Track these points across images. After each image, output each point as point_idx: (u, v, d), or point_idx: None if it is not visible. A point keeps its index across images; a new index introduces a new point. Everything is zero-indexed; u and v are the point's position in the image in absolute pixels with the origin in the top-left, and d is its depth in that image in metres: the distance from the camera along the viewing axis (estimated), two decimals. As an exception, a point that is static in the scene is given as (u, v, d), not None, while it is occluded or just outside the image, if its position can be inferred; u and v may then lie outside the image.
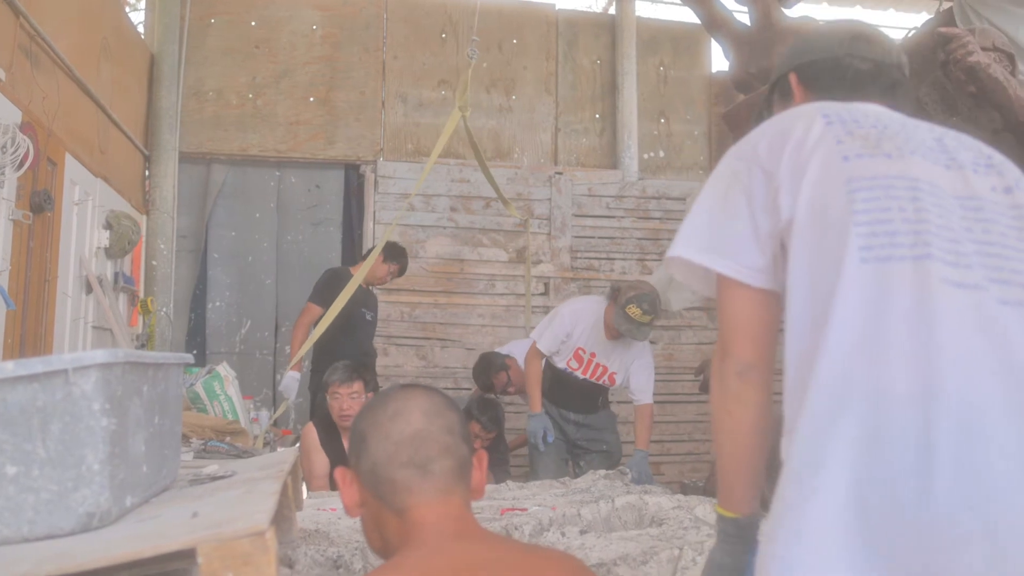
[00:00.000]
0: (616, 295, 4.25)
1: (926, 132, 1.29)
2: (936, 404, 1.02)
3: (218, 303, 6.53)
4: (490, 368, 4.96)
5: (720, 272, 1.26)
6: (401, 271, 5.23)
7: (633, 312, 4.10)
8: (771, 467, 1.20)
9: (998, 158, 1.29)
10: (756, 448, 1.26)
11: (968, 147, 1.29)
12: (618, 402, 5.62)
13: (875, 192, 1.16)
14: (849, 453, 1.03)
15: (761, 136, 1.30)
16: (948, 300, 1.08)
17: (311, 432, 3.96)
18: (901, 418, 1.02)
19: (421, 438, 1.28)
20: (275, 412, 5.14)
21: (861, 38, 1.46)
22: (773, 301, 1.26)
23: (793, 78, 1.52)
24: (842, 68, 1.45)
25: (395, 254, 5.18)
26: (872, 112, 1.32)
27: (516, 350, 5.13)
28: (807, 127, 1.25)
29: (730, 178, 1.29)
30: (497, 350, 5.31)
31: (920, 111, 1.40)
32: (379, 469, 1.27)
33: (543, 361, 4.41)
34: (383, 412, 1.32)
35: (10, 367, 1.27)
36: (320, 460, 3.85)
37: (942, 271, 1.10)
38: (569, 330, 4.34)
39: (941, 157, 1.23)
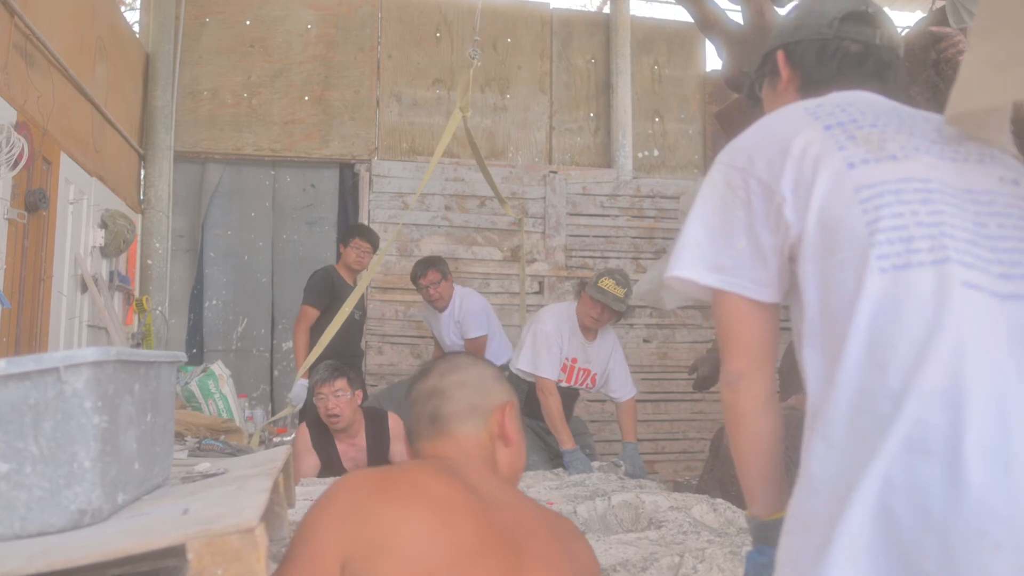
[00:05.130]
0: (582, 286, 4.24)
1: (924, 123, 1.27)
2: (965, 410, 1.01)
3: (215, 302, 6.55)
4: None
5: (724, 289, 1.26)
6: (373, 246, 5.10)
7: (607, 284, 4.09)
8: (791, 468, 1.22)
9: (998, 150, 1.27)
10: (761, 454, 1.28)
11: (968, 137, 1.26)
12: (597, 400, 5.65)
13: (886, 199, 1.14)
14: (877, 464, 1.02)
15: (755, 145, 1.28)
16: (970, 303, 1.07)
17: (304, 433, 3.94)
18: (929, 426, 1.02)
19: (429, 391, 1.56)
20: (277, 414, 5.13)
21: (852, 18, 1.43)
22: (772, 313, 1.27)
23: (781, 56, 1.50)
24: (830, 50, 1.43)
25: (351, 233, 5.17)
26: (867, 105, 1.29)
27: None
28: (806, 138, 1.22)
29: (726, 189, 1.27)
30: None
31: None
32: (410, 426, 1.58)
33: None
34: (417, 376, 1.64)
35: (2, 365, 1.27)
36: (311, 461, 3.83)
37: (962, 274, 1.08)
38: (560, 343, 4.26)
39: (946, 150, 1.21)
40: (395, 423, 4.01)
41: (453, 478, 1.37)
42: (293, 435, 4.53)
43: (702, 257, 1.27)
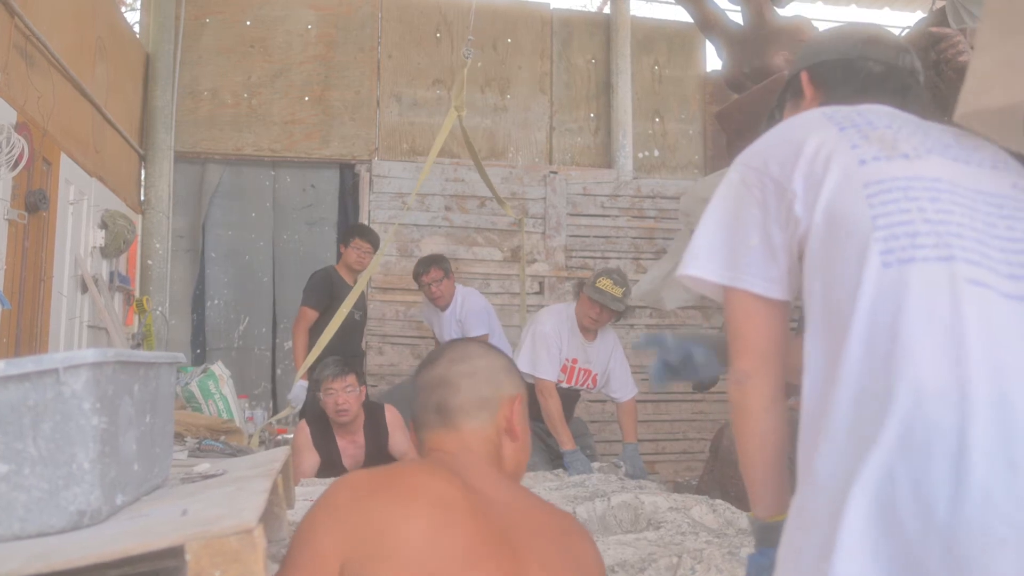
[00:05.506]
0: (581, 287, 4.24)
1: (940, 131, 1.29)
2: (968, 407, 1.01)
3: (216, 301, 6.58)
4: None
5: (735, 287, 1.28)
6: (373, 246, 5.08)
7: (605, 284, 4.09)
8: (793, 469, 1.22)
9: (1013, 160, 1.29)
10: (766, 454, 1.28)
11: (984, 146, 1.29)
12: (597, 401, 5.65)
13: (894, 194, 1.15)
14: (876, 460, 1.02)
15: (771, 147, 1.30)
16: (975, 300, 1.07)
17: (304, 430, 3.93)
18: (932, 422, 1.01)
19: (438, 381, 1.51)
20: (277, 415, 5.14)
21: (874, 41, 1.47)
22: (781, 311, 1.29)
23: (804, 77, 1.52)
24: (854, 69, 1.45)
25: (351, 233, 5.17)
26: (884, 112, 1.32)
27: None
28: (820, 138, 1.24)
29: (741, 188, 1.30)
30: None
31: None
32: (416, 410, 1.53)
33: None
34: (425, 362, 1.58)
35: (1, 366, 1.27)
36: (311, 459, 3.83)
37: (967, 271, 1.08)
38: (559, 344, 4.25)
39: (960, 154, 1.23)
40: (392, 415, 4.02)
41: (454, 476, 1.35)
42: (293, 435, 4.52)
43: (715, 255, 1.30)
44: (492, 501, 1.37)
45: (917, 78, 1.47)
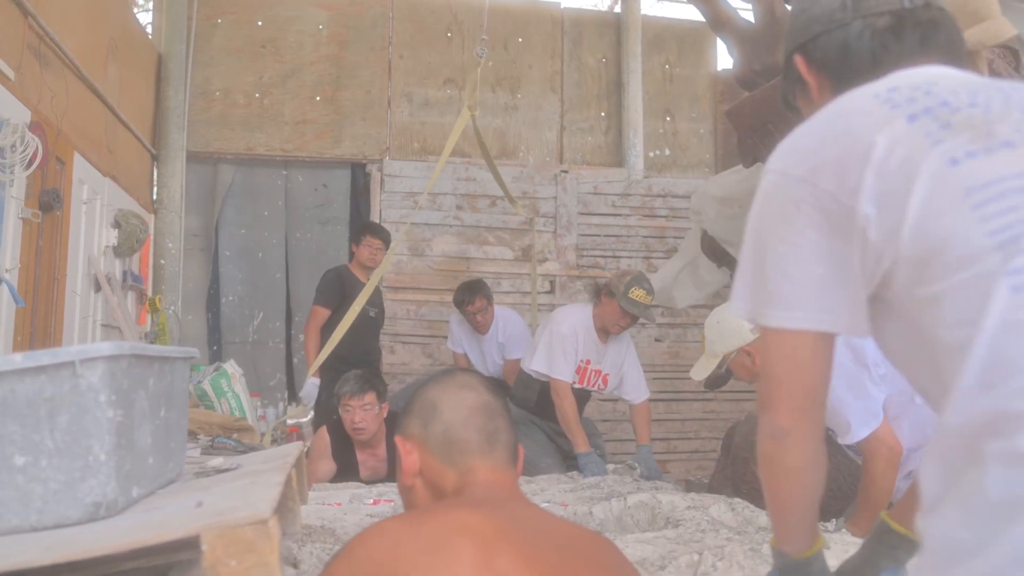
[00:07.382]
0: (607, 290, 4.21)
1: None
2: None
3: (231, 297, 6.64)
4: None
5: (787, 328, 1.05)
6: (385, 242, 5.09)
7: (638, 295, 4.09)
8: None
9: None
10: (806, 505, 1.17)
11: None
12: (609, 400, 5.65)
13: (1009, 199, 0.89)
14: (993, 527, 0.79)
15: (817, 150, 1.03)
16: None
17: (323, 438, 3.90)
18: None
19: (491, 409, 1.39)
20: (289, 412, 5.14)
21: None
22: (830, 347, 1.08)
23: (800, 62, 1.23)
24: (854, 38, 1.15)
25: (363, 231, 5.20)
26: (952, 81, 1.04)
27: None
28: (889, 138, 0.96)
29: (787, 205, 1.03)
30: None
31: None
32: (453, 431, 1.35)
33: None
34: (453, 383, 1.42)
35: (18, 359, 1.29)
36: (326, 468, 3.79)
37: None
38: (575, 345, 4.24)
39: None
40: None
41: (488, 507, 1.21)
42: (308, 433, 4.52)
43: (759, 291, 1.07)
44: (537, 529, 1.21)
45: (939, 6, 1.16)
